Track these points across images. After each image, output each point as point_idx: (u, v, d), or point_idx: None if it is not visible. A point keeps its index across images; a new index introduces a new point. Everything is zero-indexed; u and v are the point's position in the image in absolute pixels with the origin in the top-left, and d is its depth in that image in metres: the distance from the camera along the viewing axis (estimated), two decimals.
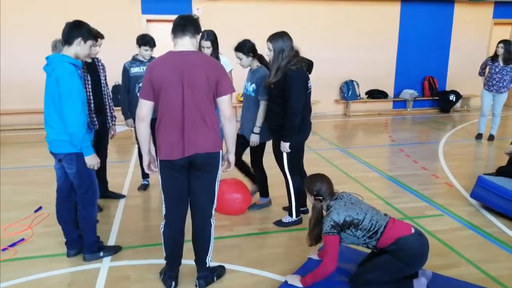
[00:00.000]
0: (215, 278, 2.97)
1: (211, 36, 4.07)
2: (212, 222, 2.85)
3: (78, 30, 2.93)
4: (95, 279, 3.01)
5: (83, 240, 3.24)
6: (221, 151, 2.75)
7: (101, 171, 4.26)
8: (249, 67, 3.96)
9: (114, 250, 3.36)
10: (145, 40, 4.28)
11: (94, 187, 3.15)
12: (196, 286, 2.90)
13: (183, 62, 2.57)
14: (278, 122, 3.63)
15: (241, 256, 3.37)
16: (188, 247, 2.95)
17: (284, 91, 3.49)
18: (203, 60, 2.64)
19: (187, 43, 2.63)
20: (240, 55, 3.83)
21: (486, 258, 3.32)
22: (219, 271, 3.03)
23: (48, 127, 2.99)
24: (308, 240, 2.82)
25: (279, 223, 3.90)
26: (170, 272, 2.91)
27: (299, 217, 3.87)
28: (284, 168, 3.77)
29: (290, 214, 3.87)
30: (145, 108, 2.62)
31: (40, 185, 4.90)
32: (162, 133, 2.64)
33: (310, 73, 3.78)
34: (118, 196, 4.48)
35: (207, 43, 4.06)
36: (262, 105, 3.82)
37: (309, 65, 3.78)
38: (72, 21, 2.97)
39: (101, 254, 3.27)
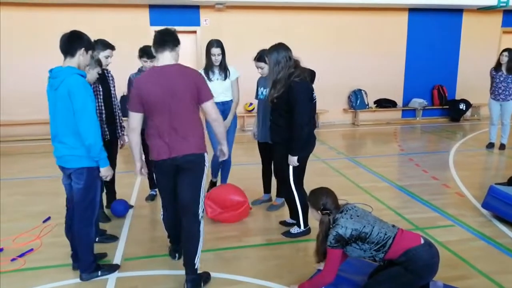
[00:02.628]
0: (202, 284, 3.01)
1: (221, 44, 4.40)
2: (200, 222, 3.01)
3: (80, 40, 2.89)
4: None
5: (79, 259, 3.14)
6: (205, 154, 2.98)
7: (111, 182, 4.28)
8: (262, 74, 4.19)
9: (112, 269, 3.24)
10: (144, 52, 4.31)
11: (94, 205, 3.07)
12: None
13: (165, 77, 2.81)
14: (283, 136, 3.60)
15: (249, 267, 3.33)
16: None
17: (289, 103, 3.46)
18: (182, 71, 2.87)
19: (167, 57, 2.87)
20: (262, 64, 4.06)
21: (499, 269, 3.25)
22: (206, 278, 3.09)
23: (57, 142, 2.93)
24: (315, 256, 2.79)
25: (287, 234, 3.87)
26: (174, 246, 3.42)
27: (308, 227, 3.84)
28: (289, 181, 3.72)
29: (298, 225, 3.84)
30: (135, 119, 2.91)
31: (48, 195, 4.92)
32: (151, 138, 2.94)
33: (313, 83, 3.78)
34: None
35: (217, 50, 4.37)
36: None
37: (311, 75, 3.78)
38: (70, 32, 2.90)
39: (99, 273, 3.15)
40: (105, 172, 3.00)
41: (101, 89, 3.86)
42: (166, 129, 2.84)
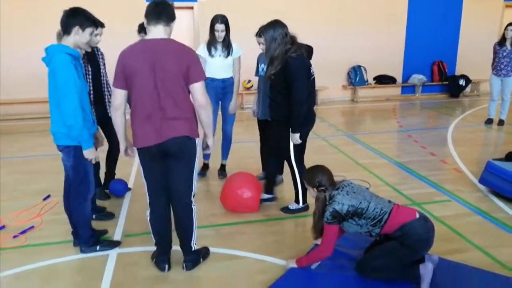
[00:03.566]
0: (201, 260, 3.03)
1: (225, 20, 4.29)
2: (193, 208, 2.90)
3: (75, 18, 2.81)
4: (104, 265, 3.06)
5: (77, 233, 3.20)
6: (197, 139, 2.76)
7: (113, 162, 4.28)
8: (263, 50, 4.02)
9: (113, 245, 3.28)
10: (143, 28, 4.19)
11: (87, 182, 3.06)
12: (183, 268, 2.96)
13: (155, 50, 2.57)
14: (282, 113, 3.59)
15: (247, 242, 3.38)
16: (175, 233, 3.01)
17: (286, 80, 3.43)
18: (175, 47, 2.62)
19: (160, 31, 2.62)
20: (262, 40, 3.86)
21: (494, 243, 3.30)
22: (204, 252, 3.09)
23: (51, 119, 2.94)
24: (313, 232, 2.83)
25: (286, 210, 3.90)
26: (162, 256, 2.98)
27: (306, 204, 3.88)
28: (290, 158, 3.74)
29: (297, 201, 3.87)
30: (118, 97, 2.66)
31: (48, 173, 4.94)
32: (136, 122, 2.67)
33: (310, 59, 3.75)
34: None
35: (221, 26, 4.27)
36: None
37: (308, 51, 3.74)
38: (68, 9, 2.84)
39: (98, 248, 3.20)
40: (87, 154, 2.91)
41: (90, 69, 3.75)
42: (153, 109, 2.59)
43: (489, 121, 7.23)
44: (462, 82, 10.02)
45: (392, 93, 10.21)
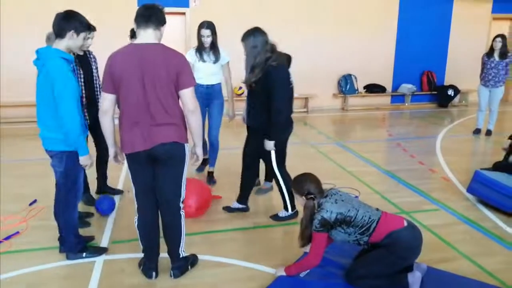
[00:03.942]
0: (189, 267, 2.99)
1: (212, 26, 4.32)
2: (181, 214, 2.86)
3: (70, 22, 2.76)
4: (91, 271, 3.01)
5: (63, 239, 3.15)
6: (187, 145, 2.74)
7: (104, 164, 4.23)
8: None
9: (99, 252, 3.23)
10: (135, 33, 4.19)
11: (76, 189, 3.03)
12: (171, 275, 2.92)
13: (144, 55, 2.54)
14: (261, 121, 3.58)
15: (236, 250, 3.36)
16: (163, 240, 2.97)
17: (266, 88, 3.42)
18: (164, 52, 2.59)
19: (150, 36, 2.59)
20: None
21: (482, 252, 3.33)
22: (193, 260, 3.05)
23: (40, 124, 2.90)
24: (300, 240, 2.81)
25: (275, 217, 3.89)
26: (150, 263, 2.94)
27: (295, 210, 3.87)
28: (272, 166, 3.72)
29: (286, 209, 3.86)
30: (106, 101, 2.63)
31: (35, 178, 4.87)
32: (124, 127, 2.65)
33: (289, 67, 3.77)
34: (116, 192, 4.44)
35: (207, 32, 4.31)
36: None
37: (288, 60, 3.76)
38: (63, 12, 2.79)
39: (84, 255, 3.15)
40: (83, 160, 2.89)
41: (81, 72, 3.72)
42: (141, 115, 2.56)
43: (477, 131, 7.31)
44: (450, 92, 10.14)
45: (382, 102, 10.28)
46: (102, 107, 2.66)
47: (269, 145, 3.57)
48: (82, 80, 3.74)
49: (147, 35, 2.59)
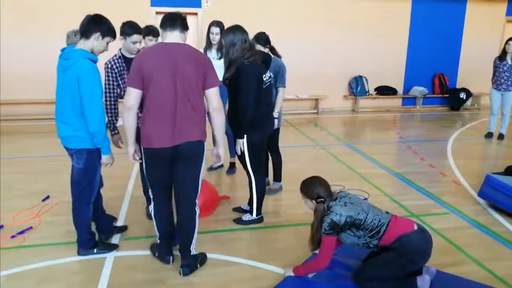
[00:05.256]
0: (198, 265, 3.03)
1: (221, 25, 4.56)
2: (196, 211, 2.94)
3: (98, 24, 2.85)
4: (101, 267, 3.05)
5: (77, 234, 3.19)
6: (205, 142, 2.84)
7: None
8: None
9: (110, 249, 3.27)
10: (149, 30, 4.14)
11: (92, 187, 3.08)
12: (180, 273, 2.95)
13: (174, 54, 2.66)
14: (230, 118, 3.59)
15: (244, 249, 3.38)
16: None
17: (237, 86, 3.41)
18: (192, 52, 2.74)
19: (176, 36, 2.73)
20: (258, 46, 3.97)
21: (492, 257, 3.30)
22: (202, 258, 3.09)
23: (61, 123, 2.94)
24: (310, 244, 2.81)
25: (239, 221, 3.79)
26: (166, 249, 3.07)
27: (260, 216, 3.80)
28: (247, 167, 3.64)
29: (251, 213, 3.78)
30: (133, 96, 2.68)
31: (48, 174, 4.94)
32: (150, 122, 2.70)
33: (268, 67, 3.74)
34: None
35: (216, 29, 4.61)
36: (281, 92, 4.21)
37: (266, 59, 3.75)
38: (93, 15, 2.89)
39: (95, 251, 3.20)
40: (106, 159, 2.98)
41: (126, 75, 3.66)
42: (170, 111, 2.64)
43: (489, 135, 7.25)
44: (462, 95, 10.06)
45: (392, 104, 10.23)
46: (128, 102, 2.69)
47: (238, 144, 3.53)
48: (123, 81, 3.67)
49: (173, 36, 2.72)
